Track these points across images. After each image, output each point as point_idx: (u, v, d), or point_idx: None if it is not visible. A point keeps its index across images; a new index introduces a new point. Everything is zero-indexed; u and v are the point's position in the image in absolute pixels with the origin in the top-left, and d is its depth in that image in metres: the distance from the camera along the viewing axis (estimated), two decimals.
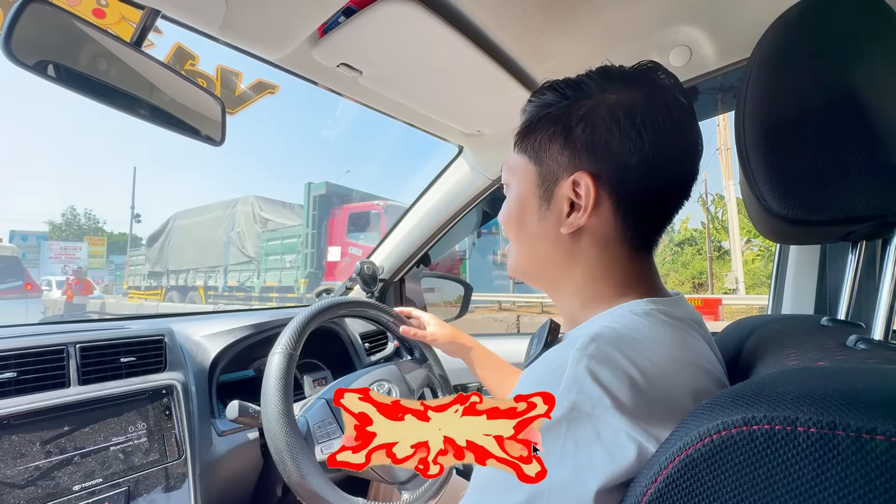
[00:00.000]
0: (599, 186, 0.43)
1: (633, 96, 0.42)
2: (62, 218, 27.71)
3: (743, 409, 0.26)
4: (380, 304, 0.91)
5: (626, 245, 0.45)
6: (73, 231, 26.79)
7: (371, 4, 0.62)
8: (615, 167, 0.42)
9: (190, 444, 0.82)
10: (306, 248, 12.11)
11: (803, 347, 0.40)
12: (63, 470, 0.69)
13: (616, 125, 0.42)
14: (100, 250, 19.40)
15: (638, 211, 0.44)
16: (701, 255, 17.61)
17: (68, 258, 16.13)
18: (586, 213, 0.43)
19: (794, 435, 0.23)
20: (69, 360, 0.76)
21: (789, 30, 0.41)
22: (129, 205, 22.73)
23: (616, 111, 0.42)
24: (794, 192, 0.37)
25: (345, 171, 67.59)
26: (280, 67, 0.76)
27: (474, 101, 0.92)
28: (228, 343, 1.00)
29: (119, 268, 22.38)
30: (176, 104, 0.69)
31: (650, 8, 0.73)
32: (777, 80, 0.40)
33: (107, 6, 2.61)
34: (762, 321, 0.58)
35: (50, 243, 18.18)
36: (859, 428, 0.22)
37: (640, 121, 0.41)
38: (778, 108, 0.39)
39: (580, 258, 0.46)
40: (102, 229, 28.86)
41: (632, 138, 0.41)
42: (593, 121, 0.43)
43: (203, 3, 0.56)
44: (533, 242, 0.49)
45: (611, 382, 0.33)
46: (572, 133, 0.44)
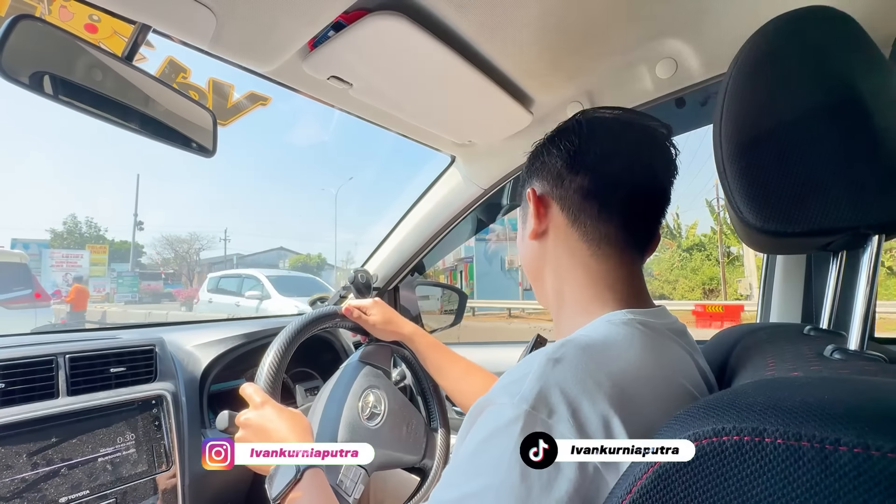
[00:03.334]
0: (543, 195, 0.53)
1: (558, 129, 0.55)
2: (63, 226, 27.64)
3: (714, 420, 0.26)
4: (333, 310, 0.87)
5: (587, 242, 0.50)
6: (74, 239, 26.70)
7: (359, 19, 0.63)
8: (550, 176, 0.52)
9: (179, 454, 0.82)
10: None
11: (782, 357, 0.41)
12: (50, 482, 0.68)
13: (544, 148, 0.54)
14: (101, 258, 19.30)
15: (583, 207, 0.50)
16: (710, 260, 17.38)
17: (70, 266, 16.04)
18: (535, 218, 0.53)
19: (761, 446, 0.24)
20: (58, 370, 0.76)
21: (764, 46, 0.42)
22: (128, 213, 22.65)
23: (545, 141, 0.55)
24: (768, 205, 0.38)
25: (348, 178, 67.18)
26: (271, 80, 0.77)
27: (465, 113, 0.93)
28: (220, 352, 1.00)
29: (121, 276, 22.24)
30: (168, 116, 0.70)
31: (637, 21, 0.74)
32: (752, 94, 0.41)
33: (99, 21, 2.64)
34: (749, 329, 0.59)
35: (52, 251, 18.08)
36: (823, 439, 0.22)
37: (559, 139, 0.53)
38: (753, 121, 0.40)
39: (549, 258, 0.53)
40: (104, 237, 28.78)
41: (553, 153, 0.52)
42: (535, 155, 0.56)
43: (193, 18, 0.57)
44: (524, 258, 0.58)
45: (571, 391, 0.34)
46: (529, 171, 0.57)
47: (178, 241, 30.77)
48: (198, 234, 32.11)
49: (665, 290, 18.82)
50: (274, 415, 0.62)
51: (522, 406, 0.34)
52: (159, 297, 24.70)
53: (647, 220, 0.50)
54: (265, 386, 0.68)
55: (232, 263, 32.95)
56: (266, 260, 35.36)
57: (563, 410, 0.33)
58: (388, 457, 0.82)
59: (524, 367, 0.38)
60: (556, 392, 0.34)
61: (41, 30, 0.54)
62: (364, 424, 0.80)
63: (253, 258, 35.26)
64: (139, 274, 25.27)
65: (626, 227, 0.49)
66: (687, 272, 18.17)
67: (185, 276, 30.17)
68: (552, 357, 0.36)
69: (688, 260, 18.23)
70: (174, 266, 30.37)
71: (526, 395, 0.34)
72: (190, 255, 30.87)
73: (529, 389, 0.35)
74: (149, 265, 29.61)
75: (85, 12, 2.68)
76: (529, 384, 0.35)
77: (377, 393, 0.86)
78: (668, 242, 19.00)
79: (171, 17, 0.57)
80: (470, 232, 1.52)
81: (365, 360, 0.90)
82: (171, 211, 58.17)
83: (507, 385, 0.38)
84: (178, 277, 29.74)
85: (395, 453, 0.83)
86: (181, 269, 30.45)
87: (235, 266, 32.97)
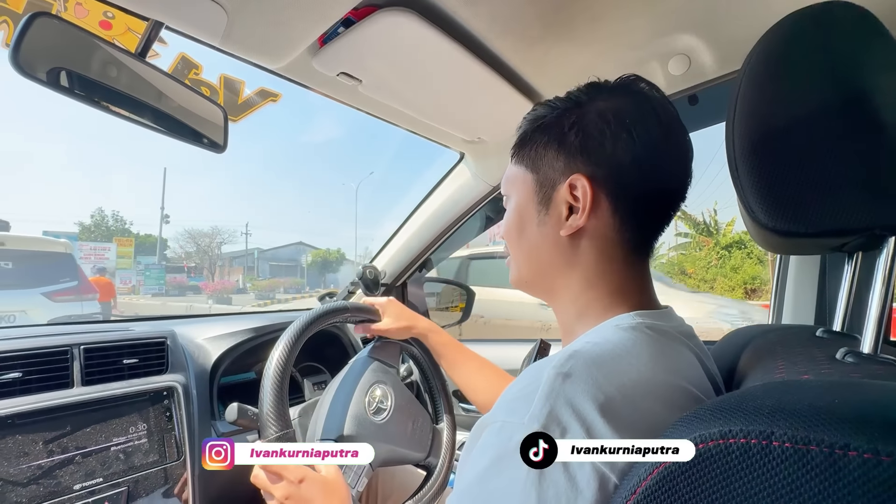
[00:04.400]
0: (596, 187, 0.44)
1: (620, 102, 0.44)
2: (91, 219, 28.18)
3: (720, 423, 0.26)
4: (345, 305, 0.86)
5: (624, 249, 0.45)
6: (101, 232, 27.19)
7: (369, 16, 0.63)
8: (610, 167, 0.43)
9: (189, 445, 0.83)
10: None
11: (792, 360, 0.40)
12: (64, 469, 0.70)
13: (607, 127, 0.43)
14: (128, 251, 19.63)
15: (636, 211, 0.44)
16: (752, 258, 16.71)
17: (98, 259, 16.26)
18: (585, 214, 0.44)
19: (769, 449, 0.23)
20: (73, 361, 0.77)
21: (780, 42, 0.41)
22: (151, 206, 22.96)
23: (606, 115, 0.44)
24: (781, 205, 0.37)
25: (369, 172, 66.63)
26: (281, 76, 0.77)
27: (474, 109, 0.93)
28: (230, 346, 1.01)
29: (149, 268, 22.51)
30: (180, 112, 0.71)
31: (649, 16, 0.73)
32: (767, 91, 0.40)
33: (113, 18, 2.69)
34: (760, 331, 0.58)
35: (81, 244, 18.37)
36: (832, 443, 0.22)
37: (630, 122, 0.43)
38: (766, 120, 0.39)
39: (579, 262, 0.46)
40: (129, 230, 29.25)
41: (622, 139, 0.42)
42: (585, 125, 0.44)
43: (205, 15, 0.58)
44: (533, 249, 0.49)
45: (582, 406, 0.33)
46: (566, 138, 0.45)
47: (201, 235, 31.18)
48: (219, 228, 32.51)
49: (702, 289, 18.01)
50: (315, 490, 0.60)
51: (533, 426, 0.32)
52: (184, 289, 24.95)
53: (669, 222, 0.48)
54: (273, 378, 0.68)
55: (253, 258, 33.25)
56: (286, 254, 35.44)
57: (576, 428, 0.32)
58: (393, 452, 0.82)
59: (530, 380, 0.36)
60: (567, 410, 0.33)
61: (57, 27, 0.55)
62: (370, 418, 0.81)
63: (273, 252, 35.39)
64: (165, 267, 25.58)
65: (659, 232, 0.47)
66: (726, 270, 17.23)
67: (207, 269, 30.61)
68: (561, 371, 0.34)
69: (727, 258, 17.01)
70: (196, 259, 30.81)
71: (536, 414, 0.33)
72: (211, 248, 31.29)
73: (539, 408, 0.33)
74: (172, 258, 30.01)
75: (99, 9, 2.74)
76: (539, 402, 0.33)
77: (384, 388, 0.86)
78: (704, 240, 18.10)
79: (184, 13, 0.58)
80: (478, 229, 1.52)
81: (374, 356, 0.91)
82: (192, 205, 58.93)
83: (513, 401, 0.36)
84: (199, 271, 30.16)
85: (400, 449, 0.83)
86: (203, 263, 30.88)
87: (257, 260, 33.16)
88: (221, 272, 31.07)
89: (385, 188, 68.36)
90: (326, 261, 33.83)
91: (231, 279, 29.07)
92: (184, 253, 30.61)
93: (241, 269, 32.06)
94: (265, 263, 33.77)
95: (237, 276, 30.39)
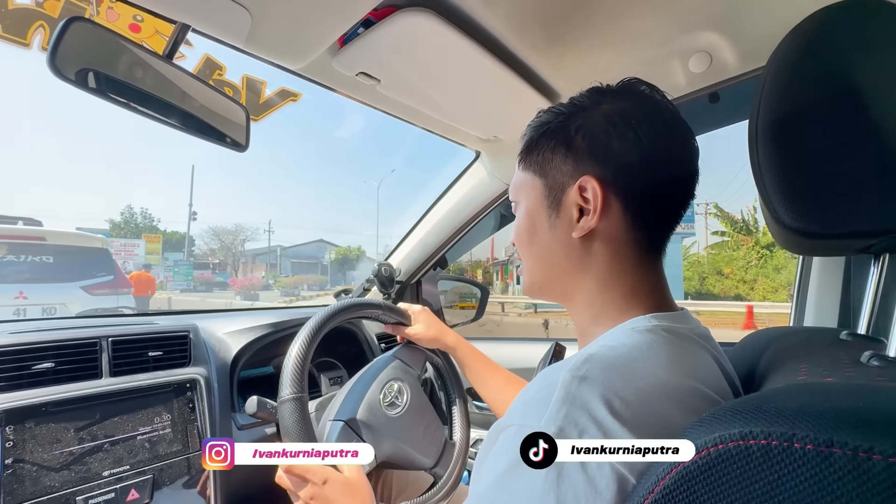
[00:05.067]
0: (606, 188, 0.44)
1: (624, 104, 0.45)
2: (120, 216, 29.06)
3: (741, 423, 0.26)
4: (380, 302, 0.90)
5: (636, 249, 0.45)
6: (130, 229, 27.98)
7: (389, 16, 0.64)
8: (619, 167, 0.43)
9: (211, 436, 0.86)
10: None
11: (815, 362, 0.40)
12: (94, 456, 0.73)
13: (613, 128, 0.44)
14: (156, 248, 20.14)
15: (646, 210, 0.45)
16: (797, 258, 16.25)
17: (128, 255, 16.82)
18: (596, 215, 0.44)
19: (790, 451, 0.23)
20: (102, 352, 0.80)
21: (807, 38, 0.40)
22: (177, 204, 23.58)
23: (612, 117, 0.44)
24: (806, 206, 0.37)
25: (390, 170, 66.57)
26: (302, 76, 0.79)
27: (491, 109, 0.93)
28: (249, 340, 1.03)
29: (177, 264, 22.98)
30: (204, 112, 0.73)
31: (669, 14, 0.72)
32: (792, 89, 0.39)
33: (142, 21, 2.78)
34: (781, 333, 0.57)
35: (112, 240, 18.95)
36: (856, 446, 0.22)
37: (635, 122, 0.43)
38: (792, 118, 0.39)
39: (592, 264, 0.46)
40: (157, 227, 30.00)
41: (629, 138, 0.43)
42: (591, 127, 0.45)
43: (230, 17, 0.59)
44: (545, 253, 0.49)
45: (598, 410, 0.32)
46: (573, 142, 0.45)
47: (224, 233, 31.83)
48: (242, 226, 33.16)
49: (741, 291, 17.26)
50: (339, 491, 0.62)
51: (550, 429, 0.32)
52: (211, 285, 25.45)
53: (679, 222, 0.48)
54: (294, 366, 0.70)
55: (276, 255, 33.72)
56: (307, 252, 35.81)
57: (593, 431, 0.32)
58: (399, 449, 0.82)
59: (545, 383, 0.36)
60: (583, 414, 0.32)
61: (90, 30, 0.57)
62: (383, 409, 0.82)
63: (294, 250, 35.81)
64: (193, 263, 26.12)
65: (671, 230, 0.47)
66: (768, 271, 16.47)
67: (231, 266, 31.23)
68: (577, 375, 0.34)
69: (768, 258, 16.38)
70: (220, 256, 31.45)
71: (552, 418, 0.33)
72: (235, 245, 31.90)
73: (556, 412, 0.33)
74: (197, 255, 30.67)
75: (130, 13, 2.83)
76: (555, 406, 0.33)
77: (402, 385, 0.88)
78: (744, 238, 17.42)
79: (210, 16, 0.59)
80: (493, 227, 1.52)
81: (398, 356, 0.93)
82: (216, 203, 60.05)
83: (528, 404, 0.36)
84: (223, 267, 30.79)
85: (407, 448, 0.83)
86: (227, 260, 31.51)
87: (279, 257, 33.62)
88: (244, 269, 31.67)
89: (405, 186, 68.48)
90: (347, 258, 34.14)
91: (254, 276, 29.60)
92: (209, 250, 31.28)
93: (264, 266, 32.55)
94: (286, 261, 34.19)
95: (260, 273, 30.90)
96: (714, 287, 18.50)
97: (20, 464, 0.66)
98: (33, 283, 5.05)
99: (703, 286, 18.77)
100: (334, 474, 0.64)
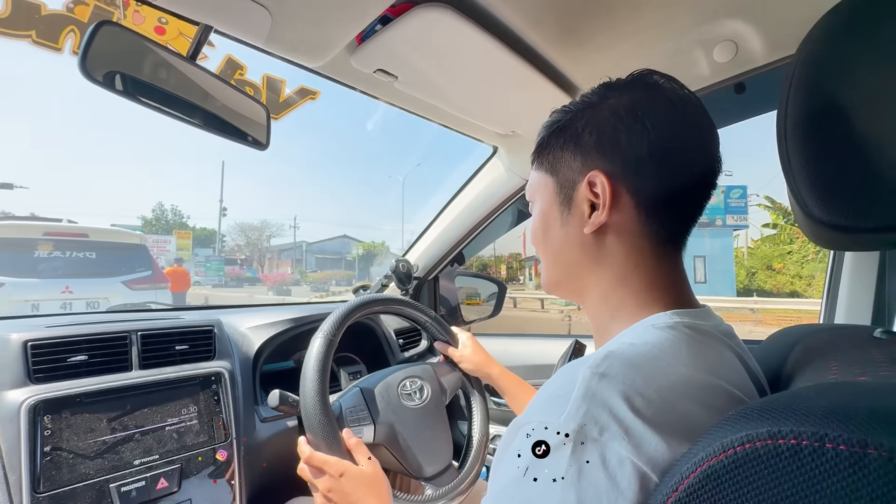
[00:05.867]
0: (615, 182, 0.44)
1: (632, 96, 0.44)
2: (152, 213, 30.00)
3: (769, 423, 0.25)
4: (430, 312, 0.95)
5: (652, 241, 0.45)
6: (161, 225, 28.91)
7: (406, 12, 0.64)
8: (627, 161, 0.43)
9: (235, 427, 0.88)
10: None
11: (847, 361, 0.38)
12: (126, 445, 0.76)
13: (619, 122, 0.43)
14: (186, 243, 20.71)
15: (659, 203, 0.44)
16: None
17: (160, 251, 17.29)
18: (606, 210, 0.44)
19: (821, 451, 0.23)
20: (132, 346, 0.83)
21: (835, 29, 0.39)
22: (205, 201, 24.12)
23: (618, 110, 0.44)
24: (837, 198, 0.36)
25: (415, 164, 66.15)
26: (320, 74, 0.80)
27: (509, 103, 0.92)
28: (271, 335, 1.06)
29: (209, 260, 23.45)
30: (226, 112, 0.74)
31: (690, 2, 0.70)
32: (823, 78, 0.38)
33: (167, 23, 2.87)
34: (810, 330, 0.55)
35: (144, 237, 19.52)
36: (892, 448, 0.21)
37: (642, 114, 0.43)
38: (823, 108, 0.37)
39: (606, 259, 0.46)
40: (186, 224, 30.84)
41: (636, 131, 0.43)
42: (598, 123, 0.45)
43: (251, 18, 0.60)
44: (559, 250, 0.50)
45: (619, 407, 0.32)
46: (580, 138, 0.46)
47: (250, 229, 32.51)
48: (267, 222, 33.86)
49: (798, 287, 16.42)
50: (355, 484, 0.64)
51: (570, 426, 0.32)
52: (241, 281, 25.95)
53: (700, 213, 0.47)
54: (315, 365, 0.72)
55: (301, 250, 34.33)
56: (331, 247, 36.29)
57: (614, 428, 0.31)
58: (397, 440, 0.81)
59: (565, 380, 0.36)
60: (604, 410, 0.32)
61: (118, 33, 0.59)
62: (398, 394, 0.85)
63: (319, 245, 36.29)
64: (224, 259, 26.69)
65: (690, 222, 0.46)
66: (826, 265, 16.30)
67: (257, 261, 31.88)
68: (597, 372, 0.34)
69: (827, 252, 16.30)
70: (246, 252, 32.15)
71: (572, 415, 0.32)
72: (261, 241, 32.53)
73: (576, 408, 0.33)
74: (225, 251, 31.38)
75: (155, 15, 2.93)
76: (575, 403, 0.33)
77: (425, 385, 0.89)
78: (798, 230, 17.09)
79: (231, 17, 0.60)
80: (511, 223, 1.51)
81: (432, 365, 0.95)
82: (241, 199, 61.19)
83: (547, 401, 0.36)
84: (249, 263, 31.47)
85: (407, 443, 0.81)
86: (253, 255, 32.20)
87: (305, 253, 34.23)
88: (270, 264, 32.26)
89: (424, 182, 68.45)
90: (371, 253, 34.46)
91: (281, 271, 30.13)
92: (235, 246, 31.99)
93: (290, 262, 33.07)
94: (311, 256, 34.72)
95: (286, 269, 31.43)
96: (765, 283, 17.74)
97: (58, 451, 0.69)
98: (78, 279, 5.24)
99: (753, 282, 18.05)
100: (351, 468, 0.66)
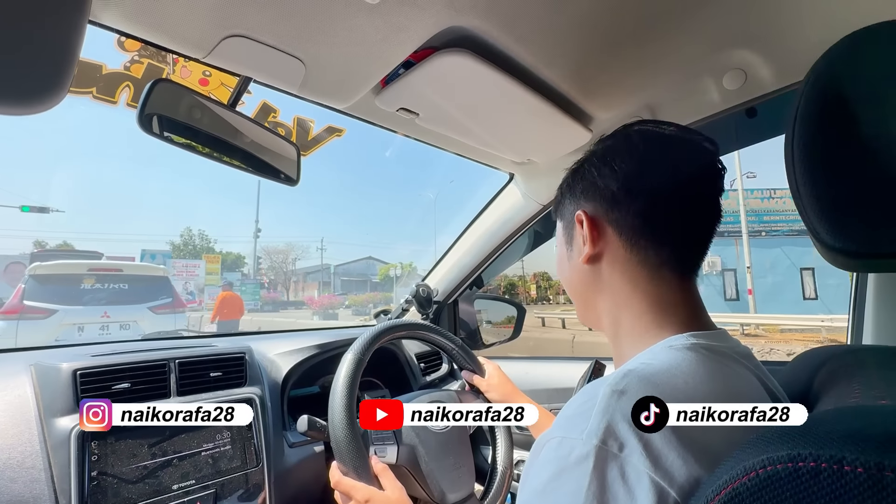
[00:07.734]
0: (596, 217, 0.51)
1: (605, 145, 0.53)
2: (180, 238, 30.74)
3: (789, 446, 0.27)
4: (457, 340, 0.99)
5: (647, 267, 0.48)
6: (188, 250, 29.37)
7: (427, 58, 0.69)
8: (604, 198, 0.50)
9: (266, 453, 0.90)
10: None
11: (870, 384, 0.39)
12: (164, 470, 0.79)
13: (594, 167, 0.52)
14: (215, 268, 20.94)
15: (638, 231, 0.48)
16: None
17: (189, 275, 17.34)
18: (589, 242, 0.50)
19: (840, 474, 0.24)
20: (170, 374, 0.87)
21: (843, 58, 0.40)
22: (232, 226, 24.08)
23: (593, 159, 0.53)
24: (846, 225, 0.37)
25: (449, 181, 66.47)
26: (347, 114, 0.85)
27: (524, 134, 0.96)
28: (298, 361, 1.09)
29: (245, 283, 23.08)
30: (261, 151, 0.80)
31: (701, 35, 0.73)
32: (831, 105, 0.39)
33: (210, 76, 3.13)
34: (836, 352, 0.55)
35: (174, 261, 19.82)
36: None
37: (610, 158, 0.50)
38: (829, 138, 0.39)
39: (606, 286, 0.51)
40: (213, 248, 31.45)
41: (606, 174, 0.50)
42: (582, 173, 0.54)
43: (287, 69, 0.66)
44: (570, 282, 0.57)
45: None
46: (574, 189, 0.55)
47: (276, 252, 33.00)
48: (292, 244, 34.29)
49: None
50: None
51: (592, 441, 0.33)
52: (278, 305, 25.86)
53: (703, 241, 0.49)
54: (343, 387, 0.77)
55: (329, 273, 34.48)
56: (357, 269, 36.06)
57: (633, 443, 0.33)
58: (421, 463, 0.80)
59: (587, 398, 0.38)
60: (623, 425, 0.34)
61: (169, 88, 0.65)
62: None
63: (344, 268, 36.10)
64: (259, 282, 26.55)
65: (685, 248, 0.48)
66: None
67: (282, 285, 32.16)
68: (616, 389, 0.36)
69: None
70: (270, 275, 32.54)
71: (594, 430, 0.34)
72: (286, 264, 32.91)
73: (597, 424, 0.34)
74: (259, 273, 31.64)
75: (199, 69, 3.24)
76: (596, 418, 0.35)
77: None
78: None
79: (269, 69, 0.66)
80: (528, 246, 1.53)
81: (457, 392, 0.98)
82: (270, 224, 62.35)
83: (570, 418, 0.38)
84: (274, 286, 31.76)
85: (429, 467, 0.80)
86: (278, 279, 32.59)
87: (332, 275, 34.32)
88: (296, 287, 32.49)
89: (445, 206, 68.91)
90: (400, 275, 34.36)
91: (306, 294, 30.17)
92: (261, 269, 32.39)
93: (317, 285, 33.01)
94: (337, 279, 34.68)
95: (313, 291, 31.42)
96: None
97: (103, 476, 0.73)
98: (113, 305, 6.80)
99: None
100: (377, 493, 0.69)
